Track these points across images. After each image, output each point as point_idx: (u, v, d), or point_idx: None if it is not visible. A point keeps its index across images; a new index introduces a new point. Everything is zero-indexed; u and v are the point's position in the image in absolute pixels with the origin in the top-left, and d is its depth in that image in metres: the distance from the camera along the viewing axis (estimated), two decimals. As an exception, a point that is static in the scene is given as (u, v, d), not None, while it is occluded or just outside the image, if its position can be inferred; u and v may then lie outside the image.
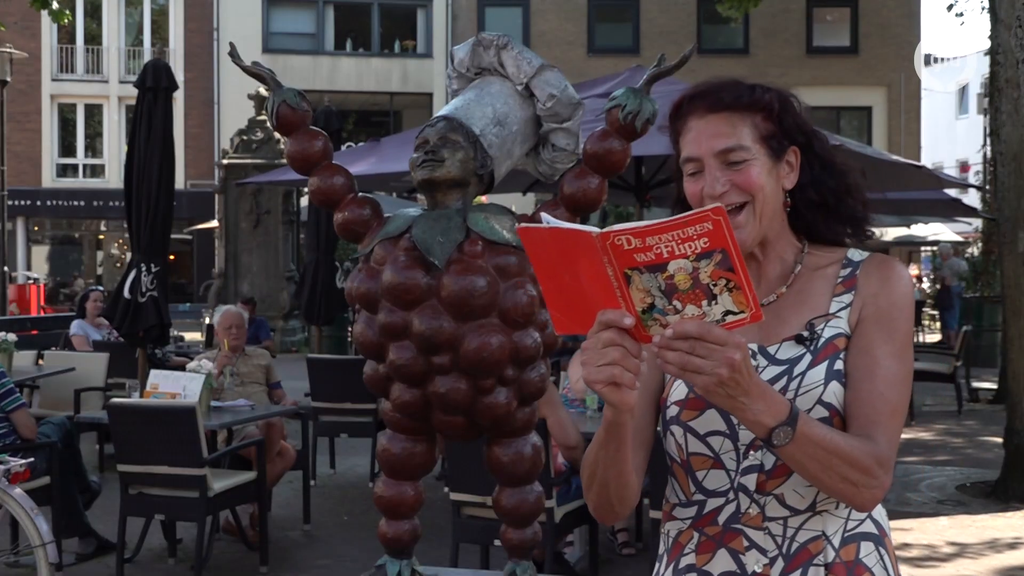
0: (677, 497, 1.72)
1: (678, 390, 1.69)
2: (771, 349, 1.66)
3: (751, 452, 1.63)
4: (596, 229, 1.36)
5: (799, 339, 1.64)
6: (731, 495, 1.65)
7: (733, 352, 1.36)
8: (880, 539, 1.67)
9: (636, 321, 1.39)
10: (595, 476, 1.65)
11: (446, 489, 5.54)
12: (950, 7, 19.55)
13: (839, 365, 1.62)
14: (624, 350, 1.39)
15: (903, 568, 6.16)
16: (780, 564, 1.62)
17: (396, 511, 2.79)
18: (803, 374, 1.61)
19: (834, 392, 1.61)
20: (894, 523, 6.72)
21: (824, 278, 1.70)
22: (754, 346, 1.66)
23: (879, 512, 1.69)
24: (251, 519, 6.18)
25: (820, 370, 1.62)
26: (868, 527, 1.66)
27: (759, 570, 1.62)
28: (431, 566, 3.01)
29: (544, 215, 1.46)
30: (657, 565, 1.77)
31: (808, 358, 1.63)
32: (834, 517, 1.63)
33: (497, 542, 3.34)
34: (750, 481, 1.63)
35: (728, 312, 1.37)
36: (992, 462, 8.43)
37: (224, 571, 5.76)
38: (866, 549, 1.65)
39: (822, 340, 1.64)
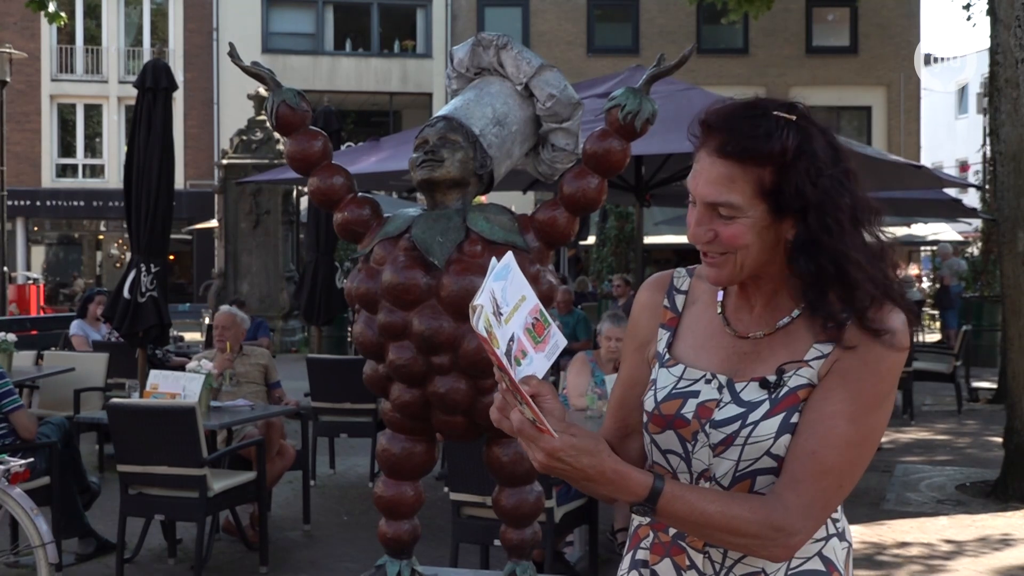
0: None
1: (649, 400, 1.70)
2: (738, 386, 1.63)
3: (702, 480, 1.64)
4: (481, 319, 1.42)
5: (763, 383, 1.62)
6: None
7: (537, 453, 1.45)
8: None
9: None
10: None
11: (446, 489, 5.54)
12: (967, 6, 19.46)
13: (795, 418, 1.58)
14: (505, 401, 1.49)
15: (904, 568, 6.06)
16: None
17: (396, 511, 2.79)
18: (756, 424, 1.59)
19: (784, 445, 1.58)
20: (894, 523, 6.79)
21: (815, 322, 1.61)
22: (723, 378, 1.65)
23: (832, 548, 1.65)
24: (251, 519, 6.17)
25: (774, 422, 1.58)
26: (815, 564, 1.64)
27: None
28: (431, 566, 3.01)
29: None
30: (627, 544, 1.82)
31: (766, 407, 1.60)
32: None
33: (497, 542, 3.34)
34: None
35: (534, 420, 1.44)
36: (992, 462, 8.42)
37: (224, 571, 5.75)
38: None
39: (785, 389, 1.60)
